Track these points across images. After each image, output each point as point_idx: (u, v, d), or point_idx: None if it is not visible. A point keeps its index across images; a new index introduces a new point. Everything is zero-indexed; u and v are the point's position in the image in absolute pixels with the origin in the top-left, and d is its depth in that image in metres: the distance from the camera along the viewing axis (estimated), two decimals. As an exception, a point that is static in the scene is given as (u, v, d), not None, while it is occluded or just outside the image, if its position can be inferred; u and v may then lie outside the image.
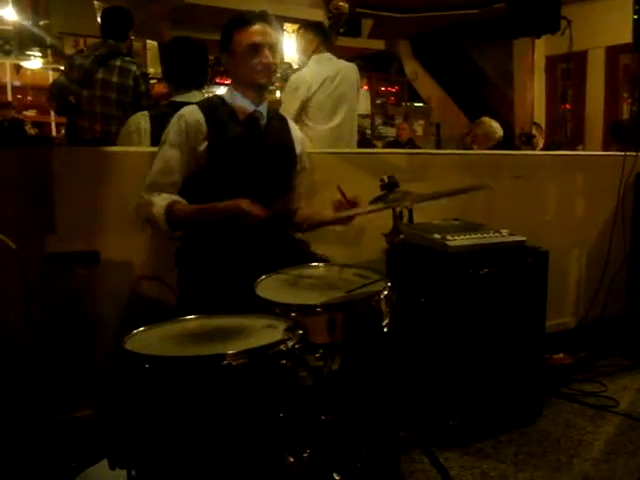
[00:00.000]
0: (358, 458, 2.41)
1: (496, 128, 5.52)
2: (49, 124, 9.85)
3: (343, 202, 2.43)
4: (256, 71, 2.54)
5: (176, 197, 2.47)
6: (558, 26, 5.05)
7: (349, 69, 4.49)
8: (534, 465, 2.79)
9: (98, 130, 4.19)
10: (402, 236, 2.25)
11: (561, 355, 3.81)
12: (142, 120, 3.21)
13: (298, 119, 4.22)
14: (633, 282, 4.45)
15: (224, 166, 2.51)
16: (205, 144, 2.50)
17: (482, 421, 3.04)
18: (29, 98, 10.12)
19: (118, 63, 4.23)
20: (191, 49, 3.41)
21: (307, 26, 4.53)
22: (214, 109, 2.59)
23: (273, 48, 2.56)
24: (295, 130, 2.86)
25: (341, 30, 5.06)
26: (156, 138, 3.01)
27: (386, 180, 2.26)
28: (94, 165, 2.82)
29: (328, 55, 4.45)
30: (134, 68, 4.26)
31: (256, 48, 2.51)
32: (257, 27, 2.54)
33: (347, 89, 4.41)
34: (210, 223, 2.42)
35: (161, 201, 2.42)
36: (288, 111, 4.15)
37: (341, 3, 4.71)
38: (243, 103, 2.61)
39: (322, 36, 4.45)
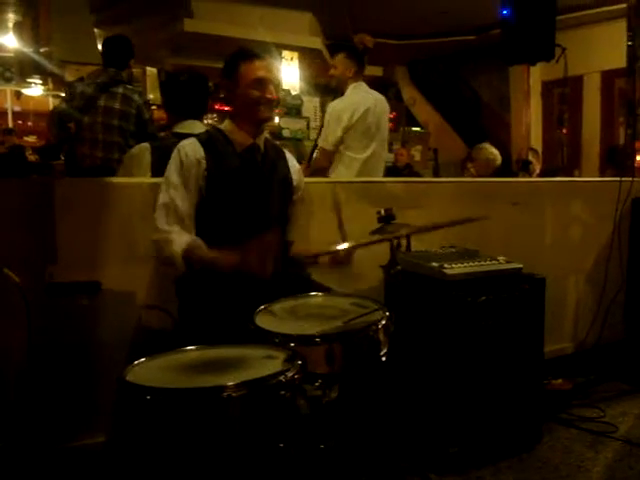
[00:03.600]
0: (358, 487, 2.42)
1: (496, 155, 5.57)
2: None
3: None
4: (259, 105, 2.58)
5: (194, 237, 2.49)
6: (553, 54, 5.08)
7: (383, 101, 4.55)
8: (533, 492, 2.80)
9: (99, 157, 4.23)
10: (399, 267, 2.27)
11: (560, 381, 3.81)
12: (144, 152, 3.24)
13: (336, 148, 4.27)
14: (631, 307, 4.46)
15: (222, 197, 2.55)
16: (205, 175, 2.54)
17: (481, 448, 3.03)
18: (29, 124, 10.18)
19: (120, 90, 4.28)
20: (191, 80, 3.45)
21: (349, 52, 4.54)
22: (213, 142, 2.62)
23: (277, 84, 2.62)
24: (292, 161, 2.88)
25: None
26: (157, 169, 3.04)
27: (383, 213, 2.28)
28: (96, 196, 2.85)
29: (365, 85, 4.48)
30: (137, 97, 4.32)
31: (261, 82, 2.56)
32: (263, 62, 2.59)
33: (382, 120, 4.46)
34: (229, 217, 2.50)
35: (180, 240, 2.44)
36: (330, 140, 4.23)
37: (366, 38, 4.75)
38: (241, 135, 2.64)
39: (360, 64, 4.49)
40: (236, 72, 2.59)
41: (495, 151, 5.64)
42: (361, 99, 4.37)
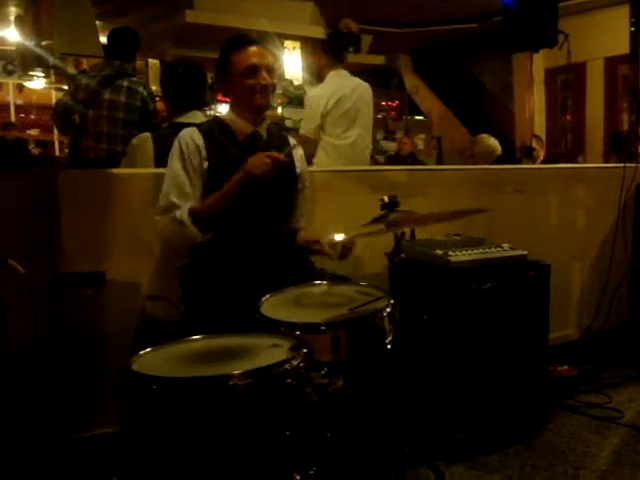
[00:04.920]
0: (364, 474, 2.42)
1: (494, 146, 5.51)
2: (52, 143, 9.91)
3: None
4: (253, 93, 2.57)
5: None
6: (556, 40, 5.09)
7: (364, 88, 4.59)
8: (540, 478, 2.80)
9: (104, 149, 4.22)
10: (403, 255, 2.26)
11: (565, 367, 3.82)
12: (145, 141, 3.25)
13: (318, 134, 4.33)
14: (636, 292, 4.46)
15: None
16: (206, 164, 2.54)
17: (488, 435, 3.04)
18: (32, 117, 10.18)
19: (125, 83, 4.25)
20: (189, 70, 3.45)
21: (315, 44, 4.61)
22: (213, 131, 2.62)
23: (271, 69, 2.58)
24: (296, 149, 2.88)
25: (351, 49, 5.10)
26: (159, 159, 3.05)
27: (386, 200, 2.27)
28: (100, 187, 2.85)
29: (345, 72, 4.53)
30: (141, 89, 4.29)
31: (253, 70, 2.54)
32: (254, 49, 2.56)
33: (362, 107, 4.51)
34: (233, 206, 2.46)
35: (183, 209, 2.46)
36: (309, 127, 4.32)
37: (352, 24, 4.79)
38: (242, 124, 2.64)
39: (333, 53, 4.52)
40: (229, 62, 2.59)
41: (493, 142, 5.57)
42: (337, 86, 4.41)
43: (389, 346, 2.12)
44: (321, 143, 4.37)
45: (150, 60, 8.13)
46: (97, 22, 7.86)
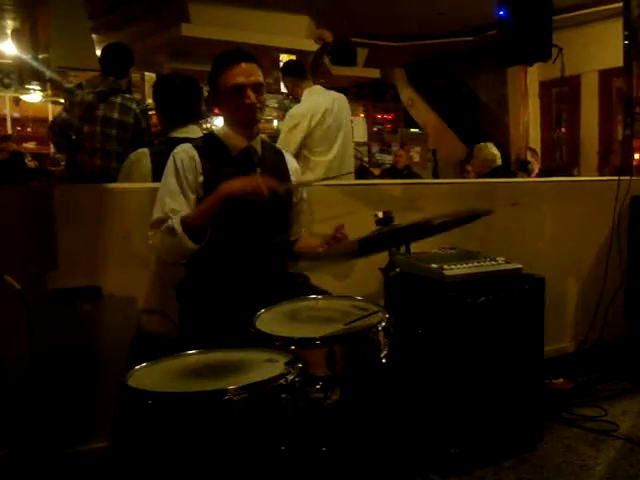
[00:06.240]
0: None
1: (495, 155, 5.56)
2: (48, 155, 9.91)
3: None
4: (239, 111, 2.58)
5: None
6: (550, 54, 5.12)
7: (341, 99, 4.59)
8: (536, 492, 2.80)
9: (98, 165, 4.22)
10: (398, 269, 2.27)
11: (561, 380, 3.81)
12: (143, 157, 3.25)
13: (299, 153, 4.30)
14: (631, 305, 4.47)
15: None
16: (202, 179, 2.54)
17: (483, 448, 3.04)
18: (28, 130, 10.18)
19: (118, 100, 4.26)
20: (184, 84, 3.44)
21: (283, 71, 4.65)
22: (207, 147, 2.63)
23: (258, 87, 2.57)
24: (291, 162, 2.89)
25: (326, 59, 5.10)
26: (157, 174, 3.05)
27: (380, 215, 2.27)
28: (96, 201, 2.86)
29: (319, 87, 4.53)
30: (134, 106, 4.29)
31: (239, 89, 2.54)
32: (240, 67, 2.56)
33: (343, 119, 4.52)
34: (228, 220, 2.47)
35: (175, 218, 2.43)
36: (289, 147, 4.23)
37: (326, 34, 4.80)
38: (235, 138, 2.65)
39: (297, 75, 4.56)
40: (217, 80, 2.60)
41: (495, 151, 5.64)
42: (318, 102, 4.42)
43: (384, 360, 2.12)
44: (306, 162, 4.34)
45: (146, 73, 8.16)
46: (93, 35, 7.91)
